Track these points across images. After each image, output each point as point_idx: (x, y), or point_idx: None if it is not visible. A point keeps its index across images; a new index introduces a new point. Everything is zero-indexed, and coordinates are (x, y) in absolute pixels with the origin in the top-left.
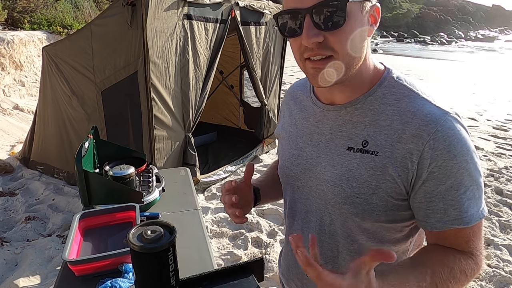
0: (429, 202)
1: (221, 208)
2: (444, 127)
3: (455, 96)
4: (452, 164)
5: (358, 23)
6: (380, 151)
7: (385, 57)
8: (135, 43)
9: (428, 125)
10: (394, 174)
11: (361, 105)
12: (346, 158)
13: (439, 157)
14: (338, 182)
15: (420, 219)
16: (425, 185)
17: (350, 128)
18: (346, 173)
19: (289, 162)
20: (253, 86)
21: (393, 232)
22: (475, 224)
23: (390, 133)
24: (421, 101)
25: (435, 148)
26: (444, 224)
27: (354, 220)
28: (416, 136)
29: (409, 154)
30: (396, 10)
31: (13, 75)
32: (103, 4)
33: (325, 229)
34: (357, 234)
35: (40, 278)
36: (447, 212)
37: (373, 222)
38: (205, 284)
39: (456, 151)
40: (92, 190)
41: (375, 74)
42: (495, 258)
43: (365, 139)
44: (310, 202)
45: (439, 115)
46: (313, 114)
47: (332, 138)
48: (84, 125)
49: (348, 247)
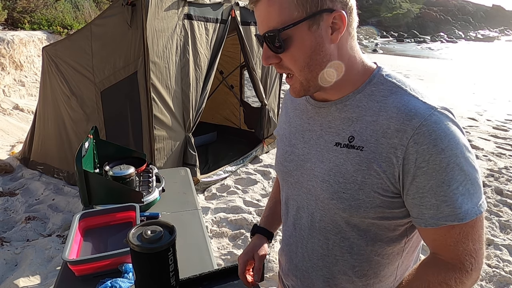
0: (422, 198)
1: (221, 208)
2: (429, 121)
3: (455, 96)
4: (440, 159)
5: (307, 42)
6: (366, 146)
7: (385, 57)
8: (135, 43)
9: (412, 119)
10: (378, 169)
11: (350, 101)
12: (334, 154)
13: (426, 152)
14: (326, 178)
15: (414, 217)
16: (416, 181)
17: (338, 124)
18: (333, 168)
19: (282, 158)
20: (253, 86)
21: (386, 230)
22: (470, 222)
23: (376, 128)
24: (407, 97)
25: (420, 143)
26: (438, 221)
27: (342, 216)
28: (400, 131)
29: (394, 149)
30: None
31: (13, 75)
32: (103, 4)
33: (316, 225)
34: (347, 231)
35: (40, 278)
36: (440, 208)
37: (361, 218)
38: (205, 284)
39: (443, 145)
40: (92, 190)
41: (365, 72)
42: (495, 258)
43: (352, 134)
44: (301, 198)
45: (424, 109)
46: (305, 112)
47: (321, 134)
48: (83, 125)
49: (339, 244)
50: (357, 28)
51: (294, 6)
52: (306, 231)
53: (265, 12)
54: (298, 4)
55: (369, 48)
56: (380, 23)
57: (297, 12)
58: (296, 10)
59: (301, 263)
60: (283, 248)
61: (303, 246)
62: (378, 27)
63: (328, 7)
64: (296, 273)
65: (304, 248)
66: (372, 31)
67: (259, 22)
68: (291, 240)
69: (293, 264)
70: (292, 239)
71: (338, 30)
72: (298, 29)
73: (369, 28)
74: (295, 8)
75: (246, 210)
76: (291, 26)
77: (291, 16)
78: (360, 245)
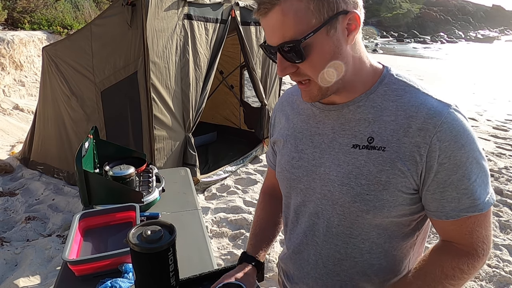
0: (443, 192)
1: (221, 208)
2: (449, 119)
3: (455, 96)
4: (461, 154)
5: (327, 48)
6: (387, 146)
7: (385, 57)
8: (135, 43)
9: (433, 118)
10: (403, 168)
11: (363, 102)
12: (352, 156)
13: (448, 148)
14: (345, 181)
15: (432, 210)
16: (437, 177)
17: (353, 126)
18: (353, 170)
19: (289, 165)
20: (253, 86)
21: (402, 226)
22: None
23: (396, 128)
24: (422, 96)
25: (442, 140)
26: (460, 213)
27: (365, 217)
28: (423, 130)
29: (417, 148)
30: (396, 10)
31: (13, 75)
32: (103, 4)
33: (333, 230)
34: (368, 232)
35: (40, 278)
36: (461, 201)
37: (383, 218)
38: (205, 284)
39: (463, 141)
40: (92, 190)
41: (374, 73)
42: (495, 258)
43: (370, 135)
44: (315, 204)
45: (442, 107)
46: (312, 116)
47: (335, 137)
48: (83, 125)
49: (359, 246)
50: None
51: (310, 13)
52: (321, 238)
53: (279, 22)
54: (315, 10)
55: (369, 48)
56: (380, 23)
57: (315, 19)
58: (314, 17)
59: (313, 271)
60: (290, 257)
61: (316, 253)
62: (378, 27)
63: (343, 9)
64: (307, 281)
65: (318, 255)
66: (372, 31)
67: (270, 33)
68: (301, 247)
69: (304, 272)
70: (302, 246)
71: (354, 31)
72: (317, 36)
73: (369, 28)
74: (312, 15)
75: (246, 210)
76: (312, 35)
77: (309, 24)
78: (379, 243)
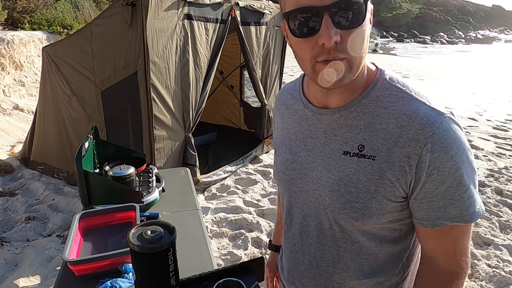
0: (430, 202)
1: (221, 208)
2: (441, 129)
3: (455, 96)
4: (450, 165)
5: (368, 23)
6: (377, 155)
7: (385, 57)
8: (135, 43)
9: (424, 128)
10: (392, 178)
11: (355, 108)
12: (343, 163)
13: (437, 159)
14: (336, 188)
15: (418, 218)
16: (425, 187)
17: (345, 132)
18: (343, 178)
19: (284, 166)
20: (253, 86)
21: (393, 231)
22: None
23: (387, 137)
24: (415, 103)
25: (433, 151)
26: (445, 221)
27: (354, 224)
28: (414, 140)
29: (407, 158)
30: (396, 10)
31: (13, 75)
32: (103, 4)
33: (326, 232)
34: (357, 236)
35: (40, 278)
36: (447, 209)
37: (373, 224)
38: (205, 284)
39: (453, 152)
40: (92, 190)
41: (368, 75)
42: (495, 258)
43: (361, 143)
44: (308, 207)
45: (435, 117)
46: (305, 118)
47: (326, 142)
48: (84, 125)
49: (349, 248)
50: None
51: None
52: (315, 239)
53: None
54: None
55: (369, 48)
56: (380, 23)
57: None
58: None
59: (307, 271)
60: (287, 255)
61: (310, 254)
62: (378, 27)
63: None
64: (302, 280)
65: (312, 256)
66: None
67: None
68: (296, 247)
69: (299, 272)
70: (297, 246)
71: (370, 24)
72: (368, 6)
73: None
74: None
75: (246, 210)
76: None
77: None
78: (370, 247)
